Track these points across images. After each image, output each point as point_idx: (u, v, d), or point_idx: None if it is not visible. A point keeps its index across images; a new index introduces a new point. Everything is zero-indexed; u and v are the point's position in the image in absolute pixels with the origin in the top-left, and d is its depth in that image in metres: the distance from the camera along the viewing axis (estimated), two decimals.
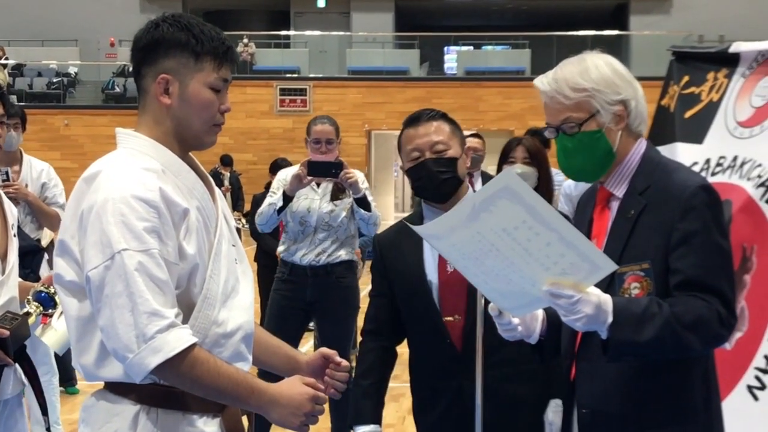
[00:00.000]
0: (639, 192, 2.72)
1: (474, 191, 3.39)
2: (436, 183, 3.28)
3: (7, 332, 3.43)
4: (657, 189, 2.69)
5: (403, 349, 3.48)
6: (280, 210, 6.03)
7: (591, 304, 2.47)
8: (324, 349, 2.79)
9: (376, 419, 3.41)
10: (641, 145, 2.79)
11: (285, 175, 6.22)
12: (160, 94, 2.52)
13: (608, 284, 2.65)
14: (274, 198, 6.10)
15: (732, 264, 2.69)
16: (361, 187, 6.04)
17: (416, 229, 2.56)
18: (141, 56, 2.55)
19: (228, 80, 2.58)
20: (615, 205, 2.78)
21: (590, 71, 2.72)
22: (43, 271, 5.89)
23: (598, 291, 2.51)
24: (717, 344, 2.67)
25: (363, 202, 6.12)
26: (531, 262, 2.43)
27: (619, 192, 2.77)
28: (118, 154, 2.54)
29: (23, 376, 3.67)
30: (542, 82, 2.79)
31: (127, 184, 2.39)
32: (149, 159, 2.49)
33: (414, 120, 3.38)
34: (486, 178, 9.19)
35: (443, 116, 3.39)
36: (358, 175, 6.04)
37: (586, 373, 2.75)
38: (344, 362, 2.76)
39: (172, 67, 2.51)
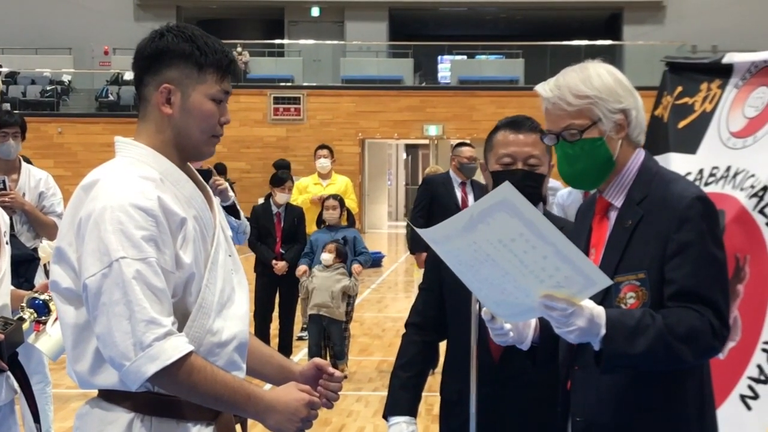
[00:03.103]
0: (637, 202, 2.73)
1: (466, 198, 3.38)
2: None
3: (1, 336, 3.43)
4: (654, 199, 2.70)
5: None
6: None
7: (584, 317, 2.48)
8: (317, 360, 2.79)
9: (412, 412, 3.40)
10: (640, 155, 2.80)
11: None
12: (161, 104, 2.53)
13: (604, 294, 2.66)
14: None
15: (727, 275, 2.70)
16: (230, 195, 6.04)
17: (419, 230, 2.56)
18: (144, 65, 2.55)
19: (229, 92, 2.59)
20: (613, 215, 2.79)
21: (593, 79, 2.73)
22: (38, 280, 5.88)
23: (591, 304, 2.51)
24: (710, 356, 2.67)
25: (233, 210, 6.11)
26: (526, 274, 2.44)
27: (618, 202, 2.78)
28: (116, 162, 2.54)
29: (15, 383, 3.66)
30: (544, 88, 2.78)
31: (125, 193, 2.40)
32: (148, 168, 2.50)
33: (516, 125, 3.32)
34: (476, 187, 9.23)
35: (542, 131, 3.37)
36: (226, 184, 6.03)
37: (581, 383, 2.76)
38: (337, 373, 2.77)
39: (175, 77, 2.52)
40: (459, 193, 9.07)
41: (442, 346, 3.55)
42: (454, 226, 2.45)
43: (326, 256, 8.89)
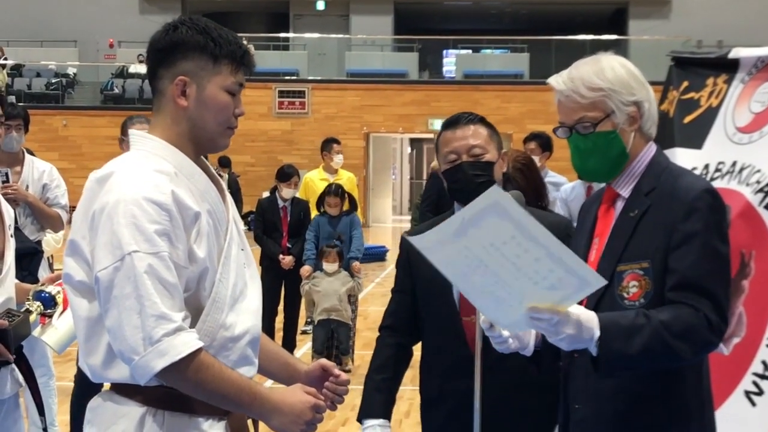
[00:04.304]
0: (645, 193, 2.73)
1: None
2: (471, 186, 3.28)
3: (6, 323, 3.42)
4: (662, 191, 2.70)
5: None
6: None
7: (571, 324, 2.48)
8: (323, 361, 2.79)
9: (386, 414, 3.39)
10: (651, 148, 2.80)
11: None
12: (177, 96, 2.53)
13: (607, 283, 2.67)
14: None
15: (729, 270, 2.69)
16: None
17: (410, 239, 2.56)
18: (159, 58, 2.55)
19: (243, 84, 2.59)
20: (620, 205, 2.79)
21: (606, 72, 2.74)
22: (42, 273, 5.88)
23: (580, 309, 2.51)
24: (708, 351, 2.67)
25: None
26: (520, 277, 2.44)
27: (625, 192, 2.78)
28: (131, 155, 2.55)
29: (20, 376, 3.66)
30: (557, 80, 2.79)
31: (139, 186, 2.40)
32: (162, 161, 2.49)
33: (452, 123, 3.39)
34: None
35: (481, 120, 3.40)
36: None
37: (580, 370, 2.75)
38: (343, 375, 2.76)
39: (190, 69, 2.52)
40: None
41: None
42: (446, 231, 2.45)
43: (330, 267, 8.91)
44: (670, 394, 2.68)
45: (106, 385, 2.57)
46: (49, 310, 3.50)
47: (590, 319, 2.51)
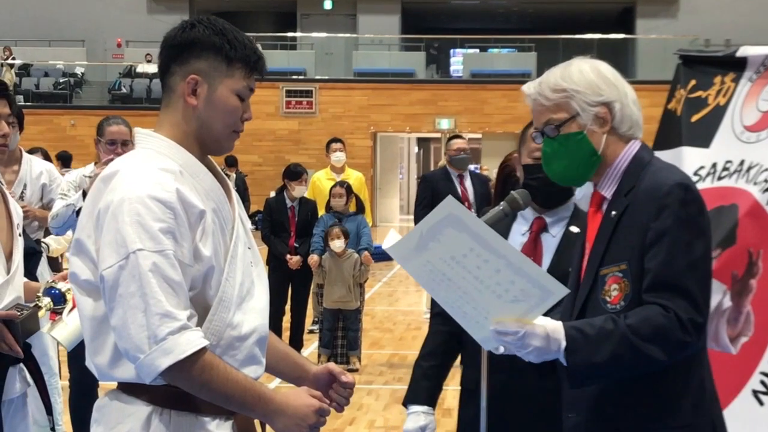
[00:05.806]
0: (624, 193, 2.70)
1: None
2: (549, 188, 3.27)
3: (17, 314, 3.43)
4: (640, 189, 2.66)
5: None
6: (80, 211, 5.83)
7: (538, 337, 2.48)
8: (331, 365, 2.79)
9: (431, 402, 3.42)
10: (633, 148, 2.75)
11: (76, 176, 6.05)
12: (187, 94, 2.53)
13: (591, 286, 2.66)
14: (71, 199, 5.87)
15: (706, 263, 2.63)
16: None
17: (387, 249, 2.57)
18: (173, 54, 2.55)
19: (253, 89, 2.60)
20: (605, 208, 2.77)
21: (573, 74, 2.71)
22: (41, 271, 5.88)
23: (545, 320, 2.50)
24: (684, 351, 2.58)
25: None
26: (483, 290, 2.44)
27: (609, 194, 2.75)
28: (136, 154, 2.55)
29: (28, 375, 3.67)
30: (528, 86, 2.80)
31: (143, 185, 2.40)
32: (167, 160, 2.49)
33: None
34: (476, 179, 9.25)
35: None
36: None
37: None
38: (350, 380, 2.76)
39: (203, 69, 2.52)
40: (459, 187, 9.07)
41: None
42: (407, 246, 2.46)
43: (338, 244, 8.96)
44: (660, 401, 2.64)
45: (103, 386, 2.58)
46: (59, 307, 3.51)
47: (556, 329, 2.50)
